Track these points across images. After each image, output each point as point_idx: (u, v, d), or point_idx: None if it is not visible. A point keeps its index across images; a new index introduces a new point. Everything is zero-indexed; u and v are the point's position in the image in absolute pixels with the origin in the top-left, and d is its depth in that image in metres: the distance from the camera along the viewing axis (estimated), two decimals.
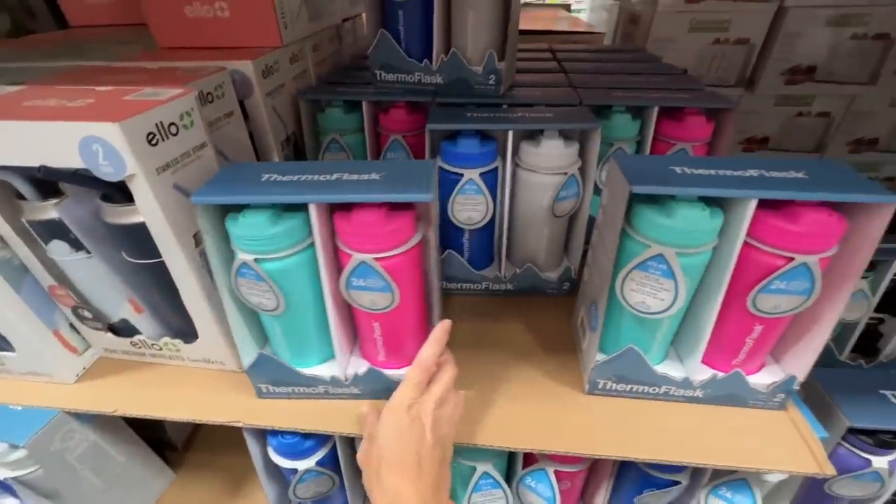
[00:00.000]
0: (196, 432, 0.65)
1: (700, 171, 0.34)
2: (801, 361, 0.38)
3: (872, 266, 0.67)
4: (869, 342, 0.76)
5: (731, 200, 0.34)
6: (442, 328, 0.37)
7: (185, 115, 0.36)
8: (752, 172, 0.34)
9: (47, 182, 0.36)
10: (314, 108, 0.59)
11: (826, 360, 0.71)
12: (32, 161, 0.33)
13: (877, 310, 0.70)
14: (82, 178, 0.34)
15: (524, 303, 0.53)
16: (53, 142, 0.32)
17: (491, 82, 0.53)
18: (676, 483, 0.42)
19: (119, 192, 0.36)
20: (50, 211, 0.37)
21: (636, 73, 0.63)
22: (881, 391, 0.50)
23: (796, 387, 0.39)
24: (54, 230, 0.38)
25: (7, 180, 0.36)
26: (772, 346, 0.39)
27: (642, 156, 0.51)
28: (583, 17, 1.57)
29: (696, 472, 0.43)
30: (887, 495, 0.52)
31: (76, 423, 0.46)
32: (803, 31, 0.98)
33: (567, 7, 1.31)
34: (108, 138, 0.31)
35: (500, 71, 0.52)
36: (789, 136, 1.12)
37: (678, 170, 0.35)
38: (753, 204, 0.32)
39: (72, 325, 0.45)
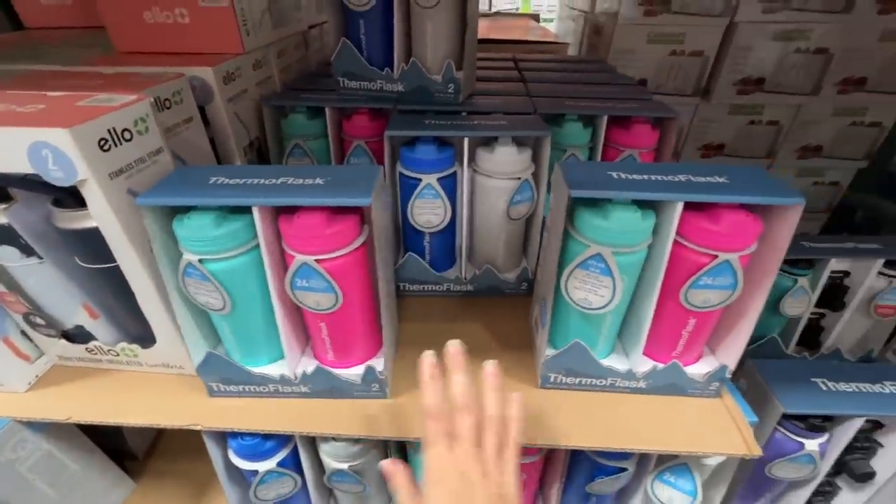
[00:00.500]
0: (157, 441, 0.65)
1: (634, 177, 0.37)
2: (731, 351, 0.42)
3: (811, 264, 0.72)
4: (812, 336, 0.81)
5: (661, 203, 0.36)
6: (428, 368, 0.34)
7: (139, 121, 0.36)
8: (681, 177, 0.37)
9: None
10: (278, 114, 0.60)
11: (773, 354, 0.76)
12: None
13: (817, 305, 0.76)
14: (32, 184, 0.34)
15: (484, 303, 0.56)
16: (1, 147, 0.32)
17: (450, 90, 0.55)
18: (624, 470, 0.45)
19: (71, 197, 0.36)
20: None
21: (591, 83, 0.66)
22: (813, 379, 0.54)
23: (728, 375, 0.42)
24: (3, 236, 0.38)
25: None
26: (706, 338, 0.43)
27: (584, 162, 0.55)
28: (552, 27, 1.62)
29: (642, 459, 0.46)
30: (820, 477, 0.56)
31: (28, 433, 0.45)
32: (752, 45, 1.04)
33: (536, 17, 1.35)
34: (58, 144, 0.31)
35: (459, 80, 0.54)
36: (743, 142, 1.19)
37: (615, 175, 0.37)
38: (680, 206, 0.35)
39: (23, 333, 0.45)
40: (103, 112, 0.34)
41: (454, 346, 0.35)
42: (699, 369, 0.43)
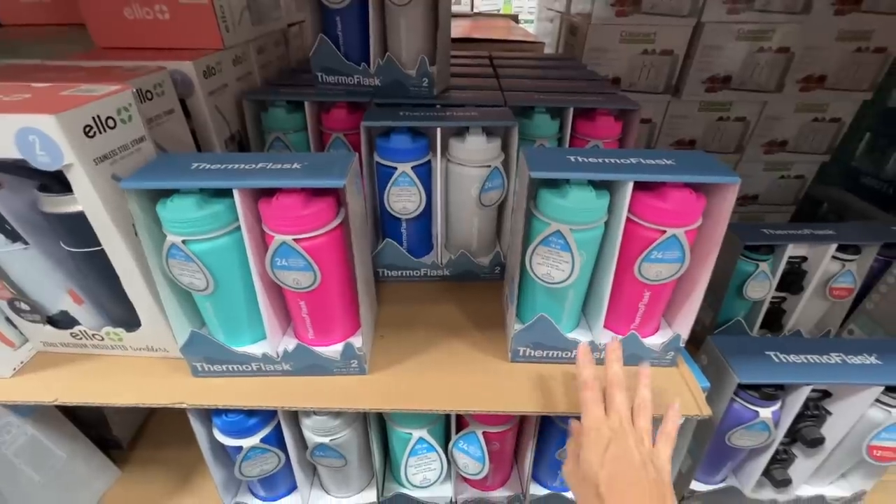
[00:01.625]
0: (142, 430, 0.66)
1: (590, 160, 0.40)
2: (684, 322, 0.45)
3: (771, 250, 0.77)
4: (774, 318, 0.86)
5: (614, 183, 0.40)
6: (584, 349, 0.40)
7: (122, 111, 0.39)
8: (632, 160, 0.40)
9: None
10: (258, 108, 0.62)
11: (739, 335, 0.81)
12: None
13: (778, 289, 0.81)
14: (18, 169, 0.36)
15: (460, 287, 0.59)
16: None
17: (424, 84, 0.58)
18: None
19: (57, 183, 0.38)
20: None
21: (561, 79, 0.70)
22: (766, 352, 0.58)
23: (682, 344, 0.46)
24: None
25: None
26: (661, 310, 0.46)
27: (546, 148, 0.58)
28: (532, 27, 1.67)
29: None
30: (776, 445, 0.60)
31: (13, 417, 0.47)
32: (718, 45, 1.09)
33: (515, 18, 1.40)
34: (46, 130, 0.33)
35: (433, 74, 0.57)
36: (713, 138, 1.24)
37: (572, 159, 0.41)
38: (630, 186, 0.38)
39: (8, 319, 0.46)
40: (88, 101, 0.36)
41: (614, 342, 0.41)
42: (656, 340, 0.46)
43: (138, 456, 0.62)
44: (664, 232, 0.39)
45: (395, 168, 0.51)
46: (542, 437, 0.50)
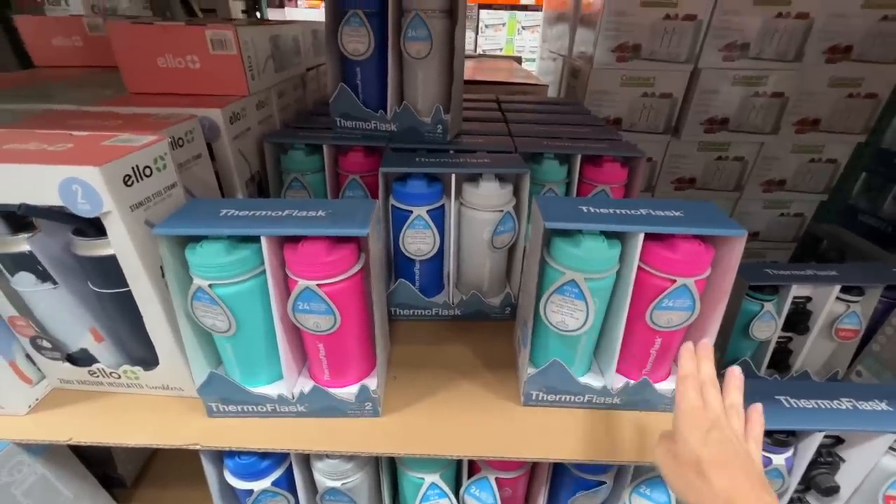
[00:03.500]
0: (146, 469, 0.65)
1: (601, 210, 0.42)
2: None
3: (776, 290, 0.79)
4: (781, 359, 0.87)
5: (625, 234, 0.42)
6: (687, 348, 0.40)
7: (158, 160, 0.41)
8: (642, 211, 0.42)
9: (18, 217, 0.40)
10: (278, 150, 0.65)
11: (746, 376, 0.81)
12: (10, 199, 0.37)
13: (784, 329, 0.81)
14: (59, 215, 0.38)
15: (470, 326, 0.60)
16: (33, 182, 0.36)
17: (439, 131, 0.61)
18: (602, 483, 0.48)
19: (91, 227, 0.39)
20: (21, 244, 0.40)
21: (567, 124, 0.74)
22: (777, 397, 0.59)
23: None
24: (23, 262, 0.41)
25: None
26: (673, 356, 0.47)
27: (558, 197, 0.60)
28: (533, 66, 1.74)
29: (620, 473, 0.49)
30: (790, 492, 0.59)
31: (26, 456, 0.47)
32: (715, 89, 1.14)
33: (518, 60, 1.46)
34: (89, 180, 0.35)
35: (447, 122, 0.60)
36: (713, 177, 1.28)
37: (585, 209, 0.43)
38: (641, 237, 0.40)
39: (28, 356, 0.47)
40: (128, 152, 0.38)
41: (706, 339, 0.41)
42: (667, 385, 0.47)
43: (142, 495, 0.61)
44: (674, 281, 0.41)
45: (411, 212, 0.53)
46: (555, 483, 0.50)
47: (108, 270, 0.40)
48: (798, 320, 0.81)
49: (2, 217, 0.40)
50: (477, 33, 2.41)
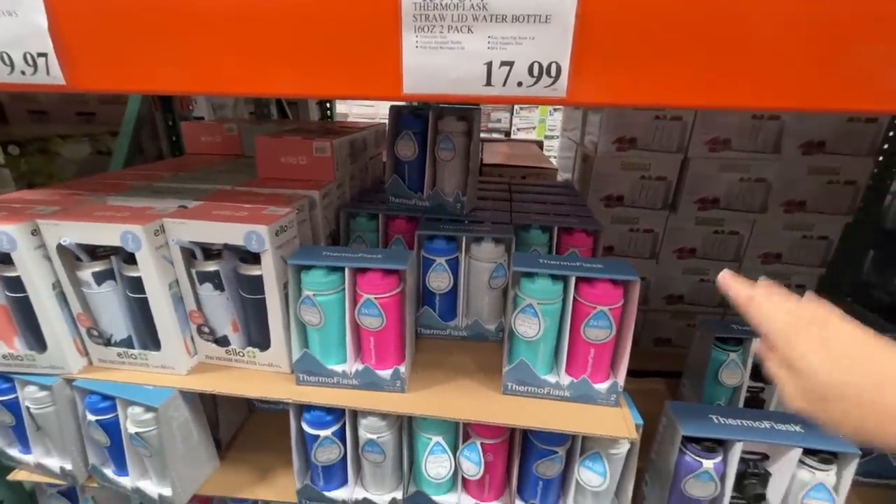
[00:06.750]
0: (236, 437, 0.94)
1: (551, 262, 0.71)
2: (621, 372, 0.71)
3: (740, 342, 1.01)
4: (754, 406, 1.05)
5: (566, 276, 0.70)
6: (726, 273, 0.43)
7: (290, 221, 0.75)
8: (577, 264, 0.71)
9: (209, 250, 0.74)
10: (349, 216, 1.00)
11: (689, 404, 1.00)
12: (215, 240, 0.71)
13: (753, 379, 1.01)
14: (232, 248, 0.72)
15: (474, 344, 0.87)
16: (229, 233, 0.71)
17: (458, 207, 0.94)
18: (556, 453, 0.71)
19: (250, 256, 0.73)
20: (211, 266, 0.75)
21: (555, 203, 1.05)
22: (709, 415, 0.80)
23: (620, 388, 0.70)
24: (209, 277, 0.75)
25: (192, 249, 0.74)
26: (607, 363, 0.72)
27: (527, 254, 0.89)
28: (557, 142, 2.11)
29: (571, 448, 0.72)
30: (726, 499, 0.78)
31: (181, 401, 0.78)
32: (704, 174, 1.42)
33: (540, 144, 1.83)
34: (261, 233, 0.69)
35: (464, 201, 0.93)
36: (711, 247, 1.51)
37: (541, 261, 0.72)
38: (574, 279, 0.68)
39: (191, 338, 0.79)
40: (278, 218, 0.72)
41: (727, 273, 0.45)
42: (604, 385, 0.72)
43: (232, 455, 0.90)
44: (595, 308, 0.68)
45: (435, 260, 0.84)
46: (523, 452, 0.74)
47: (255, 284, 0.73)
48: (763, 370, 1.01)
49: (202, 249, 0.75)
50: (512, 114, 2.85)
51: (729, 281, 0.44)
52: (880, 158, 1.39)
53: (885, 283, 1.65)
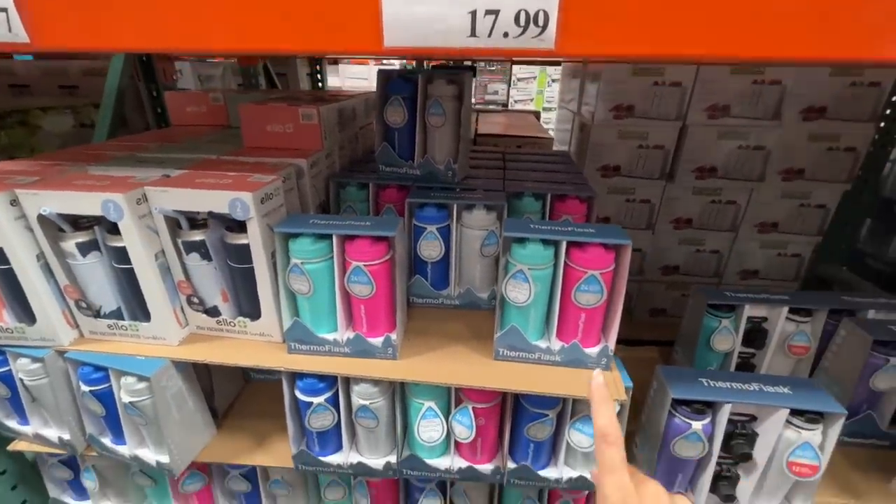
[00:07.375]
0: (232, 406, 0.95)
1: (542, 227, 0.71)
2: (612, 337, 0.71)
3: (732, 309, 1.01)
4: (746, 372, 1.06)
5: (557, 241, 0.69)
6: (601, 389, 0.45)
7: (276, 189, 0.74)
8: (569, 229, 0.70)
9: (195, 219, 0.73)
10: (338, 186, 0.98)
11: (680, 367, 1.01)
12: (198, 208, 0.70)
13: (745, 345, 1.02)
14: (218, 216, 0.71)
15: (466, 313, 0.87)
16: (214, 200, 0.70)
17: (450, 175, 0.92)
18: (547, 416, 0.72)
19: (236, 225, 0.72)
20: (197, 235, 0.74)
21: (549, 171, 1.03)
22: (699, 378, 0.81)
23: (610, 352, 0.71)
24: (196, 247, 0.74)
25: (178, 218, 0.73)
26: (598, 328, 0.73)
27: (518, 219, 0.88)
28: (554, 114, 2.08)
29: (562, 411, 0.73)
30: (714, 458, 0.80)
31: (174, 371, 0.78)
32: (703, 142, 1.40)
33: (537, 115, 1.80)
34: (245, 200, 0.68)
35: (455, 168, 0.91)
36: (709, 218, 1.50)
37: (532, 226, 0.71)
38: (565, 243, 0.68)
39: (181, 308, 0.79)
40: (262, 185, 0.71)
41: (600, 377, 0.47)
42: (594, 350, 0.72)
43: (228, 423, 0.91)
44: (587, 273, 0.68)
45: (426, 228, 0.83)
46: (514, 416, 0.75)
47: (242, 253, 0.73)
48: (755, 337, 1.03)
49: (188, 219, 0.74)
50: (509, 86, 2.81)
51: (600, 390, 0.47)
52: (882, 125, 1.37)
53: (881, 252, 1.66)
